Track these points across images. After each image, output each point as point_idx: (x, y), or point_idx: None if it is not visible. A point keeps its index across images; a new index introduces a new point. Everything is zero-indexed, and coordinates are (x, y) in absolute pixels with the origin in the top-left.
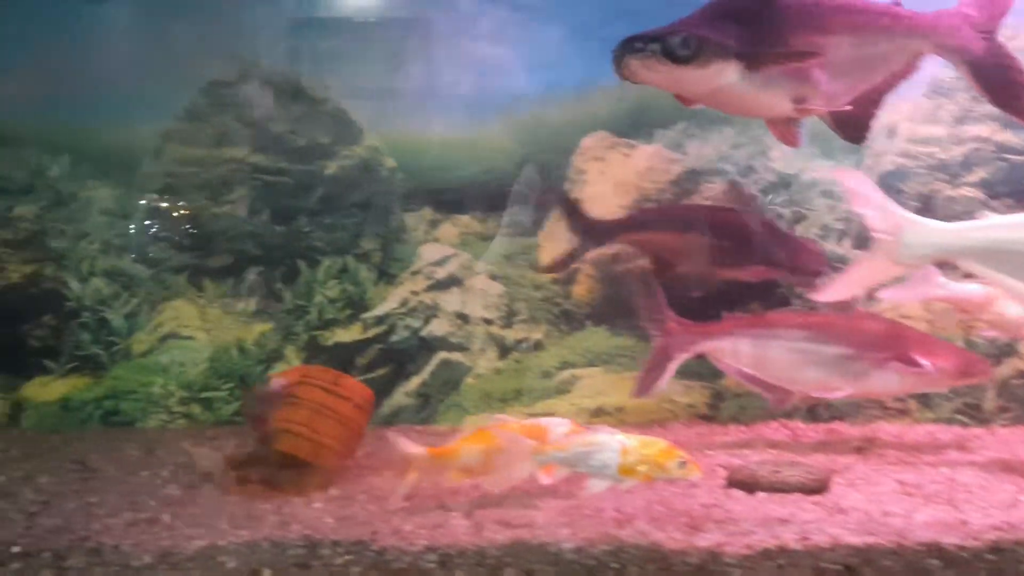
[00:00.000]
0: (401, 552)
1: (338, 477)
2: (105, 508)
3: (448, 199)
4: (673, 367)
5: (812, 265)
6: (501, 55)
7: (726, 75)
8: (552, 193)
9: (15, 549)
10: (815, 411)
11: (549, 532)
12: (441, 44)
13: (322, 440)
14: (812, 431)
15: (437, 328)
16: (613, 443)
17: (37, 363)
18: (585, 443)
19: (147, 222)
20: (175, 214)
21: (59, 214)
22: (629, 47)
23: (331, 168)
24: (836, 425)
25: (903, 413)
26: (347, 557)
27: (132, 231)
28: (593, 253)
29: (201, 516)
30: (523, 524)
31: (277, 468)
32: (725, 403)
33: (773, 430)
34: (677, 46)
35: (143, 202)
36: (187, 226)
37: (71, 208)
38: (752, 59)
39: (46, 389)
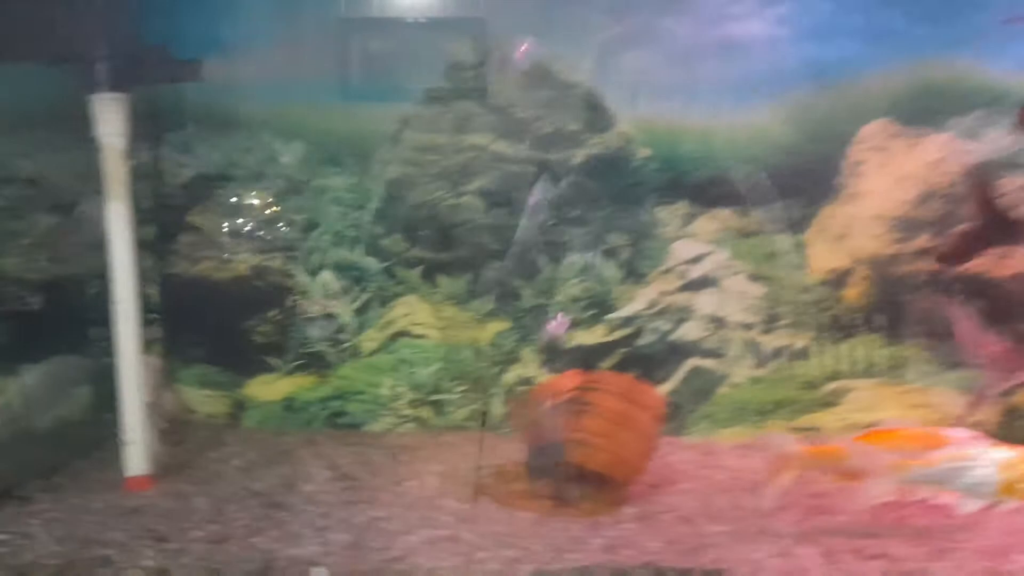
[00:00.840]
0: None
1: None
2: (395, 523)
3: (706, 192)
4: (992, 392)
5: None
6: (770, 35)
7: None
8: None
9: (320, 571)
10: None
11: (920, 566)
12: (703, 24)
13: (621, 452)
14: None
15: (689, 332)
16: (990, 458)
17: (261, 360)
18: (956, 458)
19: (381, 213)
20: (411, 204)
21: (290, 203)
22: None
23: (579, 157)
24: None
25: None
26: None
27: (365, 222)
28: (997, 250)
29: (507, 535)
30: (878, 554)
31: (567, 482)
32: (1019, 421)
33: None
34: None
35: (378, 191)
36: (423, 217)
37: (302, 197)
38: None
39: (270, 388)
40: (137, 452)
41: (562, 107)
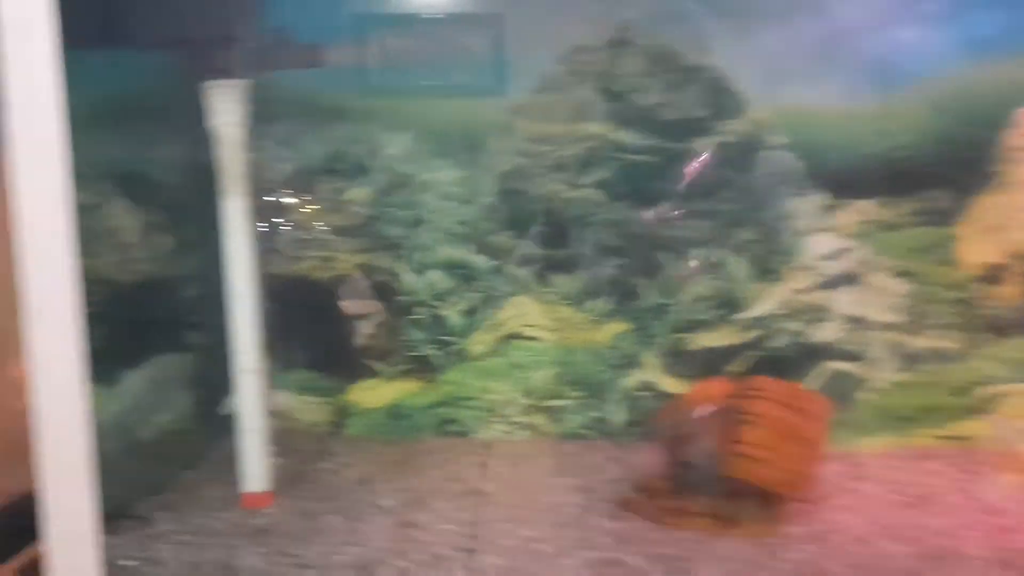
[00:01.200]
0: None
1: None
2: (548, 544)
3: (846, 182)
4: None
5: None
6: (916, 12)
7: None
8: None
9: None
10: None
11: None
12: (844, 1)
13: (788, 466)
14: None
15: (826, 333)
16: None
17: (364, 364)
18: None
19: (491, 207)
20: (524, 198)
21: (395, 198)
22: None
23: (706, 145)
24: None
25: None
26: None
27: (474, 217)
28: None
29: (675, 558)
30: None
31: (727, 498)
32: None
33: None
34: None
35: (488, 185)
36: (537, 212)
37: (409, 191)
38: None
39: (374, 393)
40: (257, 466)
41: (688, 92)
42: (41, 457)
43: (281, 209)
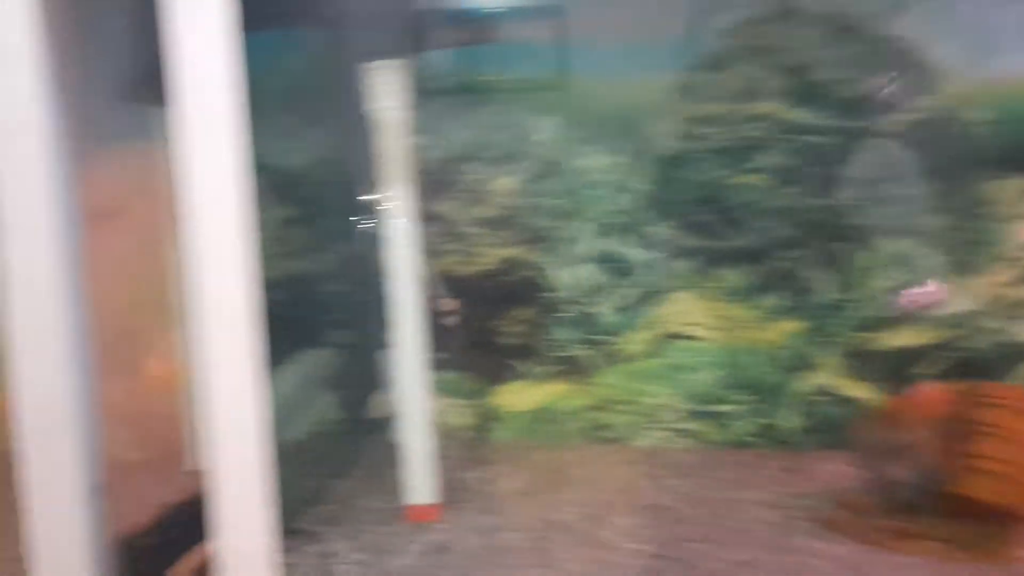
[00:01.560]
0: None
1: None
2: (759, 570)
3: None
4: None
5: None
6: None
7: None
8: None
9: None
10: None
11: None
12: None
13: None
14: None
15: None
16: None
17: (510, 365)
18: None
19: (649, 196)
20: (685, 185)
21: (544, 187)
22: None
23: (895, 125)
24: None
25: None
26: None
27: (630, 207)
28: None
29: None
30: None
31: (959, 518)
32: None
33: None
34: None
35: (645, 172)
36: (700, 200)
37: (558, 180)
38: None
39: (521, 396)
40: (423, 476)
41: (871, 67)
42: (216, 467)
43: (426, 199)
